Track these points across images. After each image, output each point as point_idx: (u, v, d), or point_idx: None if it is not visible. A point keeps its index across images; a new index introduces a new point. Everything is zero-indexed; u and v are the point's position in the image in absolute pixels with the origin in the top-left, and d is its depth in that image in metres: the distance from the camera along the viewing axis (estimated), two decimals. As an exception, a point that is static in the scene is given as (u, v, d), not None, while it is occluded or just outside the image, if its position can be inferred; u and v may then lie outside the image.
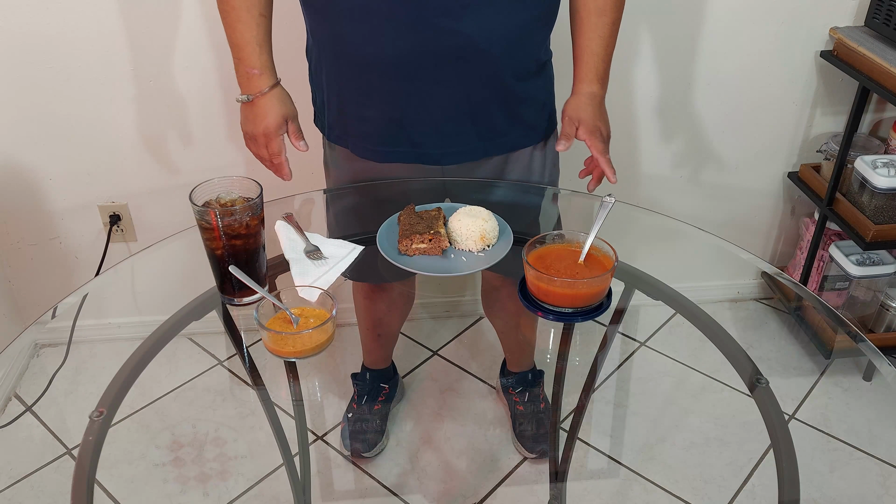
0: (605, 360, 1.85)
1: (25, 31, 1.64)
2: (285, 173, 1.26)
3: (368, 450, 1.67)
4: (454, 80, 1.17)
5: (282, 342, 0.95)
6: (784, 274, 1.63)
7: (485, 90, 1.20)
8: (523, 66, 1.22)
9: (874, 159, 1.73)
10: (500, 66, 1.18)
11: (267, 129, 1.22)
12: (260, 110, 1.22)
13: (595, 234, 1.02)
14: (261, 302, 1.00)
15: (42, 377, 1.94)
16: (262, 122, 1.22)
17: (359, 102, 1.23)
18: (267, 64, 1.21)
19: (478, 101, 1.21)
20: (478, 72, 1.17)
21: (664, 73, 1.85)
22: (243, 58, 1.20)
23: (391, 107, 1.21)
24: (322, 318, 0.97)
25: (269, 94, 1.21)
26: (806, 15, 1.80)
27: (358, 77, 1.20)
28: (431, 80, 1.17)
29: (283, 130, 1.23)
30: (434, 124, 1.22)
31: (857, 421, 1.79)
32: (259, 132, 1.22)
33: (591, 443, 1.73)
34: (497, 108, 1.23)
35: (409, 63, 1.15)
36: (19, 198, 1.86)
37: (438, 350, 2.01)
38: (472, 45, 1.13)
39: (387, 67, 1.16)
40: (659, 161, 1.98)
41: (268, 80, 1.21)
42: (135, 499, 1.59)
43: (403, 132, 1.23)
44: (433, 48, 1.13)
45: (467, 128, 1.24)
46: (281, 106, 1.22)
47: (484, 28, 1.13)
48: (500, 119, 1.25)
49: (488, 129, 1.25)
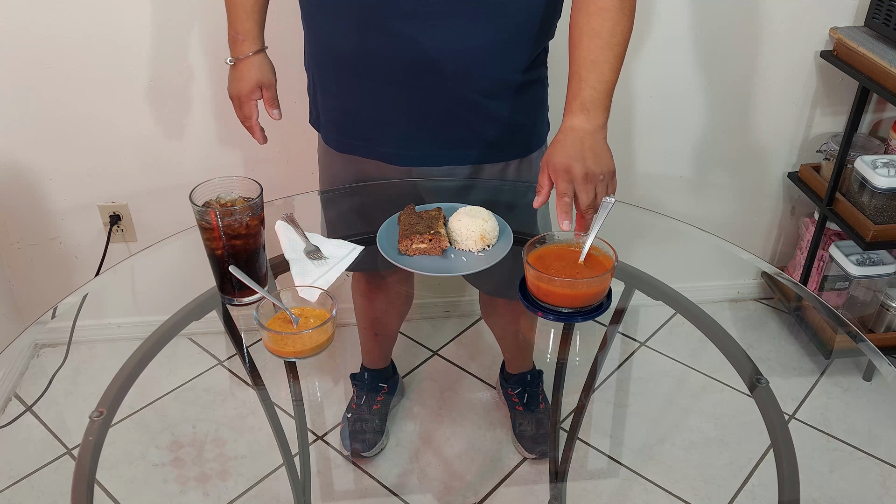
0: (605, 360, 1.85)
1: (26, 31, 1.64)
2: (258, 137, 1.35)
3: (368, 450, 1.67)
4: (410, 85, 1.17)
5: (282, 342, 0.95)
6: (784, 274, 1.63)
7: (442, 101, 1.18)
8: (486, 85, 1.17)
9: (874, 159, 1.73)
10: (457, 82, 1.16)
11: (239, 92, 1.31)
12: (238, 74, 1.30)
13: (595, 234, 1.02)
14: (261, 302, 1.00)
15: (42, 377, 1.94)
16: (237, 86, 1.31)
17: (326, 92, 1.27)
18: (251, 31, 1.28)
19: (435, 109, 1.20)
20: (434, 83, 1.16)
21: (664, 73, 1.85)
22: (232, 22, 1.28)
23: (349, 100, 1.24)
24: (322, 318, 0.97)
25: (249, 60, 1.29)
26: (806, 15, 1.80)
27: (325, 67, 1.24)
28: (386, 80, 1.17)
29: (256, 96, 1.31)
30: (389, 124, 1.23)
31: (857, 421, 1.79)
32: (233, 94, 1.32)
33: (591, 443, 1.73)
34: (456, 121, 1.21)
35: (366, 62, 1.17)
36: (19, 198, 1.86)
37: (438, 350, 2.01)
38: (427, 57, 1.13)
39: (346, 61, 1.19)
40: (658, 161, 1.98)
41: (251, 46, 1.28)
42: (135, 499, 1.59)
43: (357, 127, 1.26)
44: (389, 52, 1.14)
45: (423, 133, 1.23)
46: (257, 72, 1.30)
47: (441, 42, 1.11)
48: (461, 132, 1.23)
49: (447, 140, 1.24)
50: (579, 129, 1.06)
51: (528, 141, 1.30)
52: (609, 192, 1.05)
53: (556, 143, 1.06)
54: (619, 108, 1.80)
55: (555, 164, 1.03)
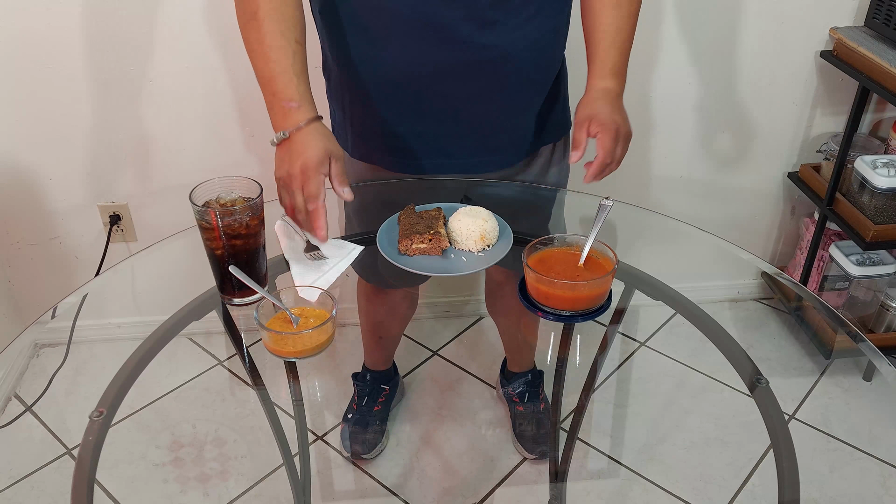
0: (605, 360, 1.85)
1: (26, 31, 1.64)
2: (321, 224, 1.02)
3: (368, 451, 1.67)
4: (486, 92, 1.18)
5: (282, 342, 0.95)
6: (784, 274, 1.63)
7: (515, 98, 1.21)
8: (547, 73, 1.24)
9: (874, 159, 1.73)
10: (526, 75, 1.19)
11: (306, 165, 1.00)
12: (298, 146, 1.02)
13: (594, 236, 1.02)
14: (261, 302, 1.00)
15: (42, 377, 1.94)
16: (300, 158, 1.01)
17: (391, 120, 1.22)
18: (305, 95, 1.05)
19: (509, 109, 1.22)
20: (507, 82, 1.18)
21: (664, 73, 1.85)
22: (278, 90, 1.03)
23: (426, 122, 1.21)
24: (322, 318, 0.97)
25: (310, 128, 1.03)
26: (806, 15, 1.80)
27: (391, 95, 1.19)
28: (464, 94, 1.18)
29: (324, 169, 1.02)
30: (469, 136, 1.24)
31: (857, 421, 1.79)
32: (296, 169, 1.01)
33: (591, 443, 1.73)
34: (527, 114, 1.25)
35: (442, 79, 1.16)
36: (19, 198, 1.86)
37: (438, 350, 2.01)
38: (503, 56, 1.14)
39: (421, 84, 1.17)
40: (659, 161, 1.98)
41: (307, 112, 1.04)
42: (135, 499, 1.59)
43: (439, 144, 1.24)
44: (464, 61, 1.14)
45: (500, 136, 1.25)
46: (323, 140, 1.03)
47: (513, 39, 1.14)
48: (529, 123, 1.27)
49: (519, 136, 1.27)
50: (612, 91, 1.16)
51: (569, 111, 1.34)
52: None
53: (596, 101, 1.14)
54: (619, 108, 1.82)
55: (604, 121, 1.11)
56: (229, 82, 1.75)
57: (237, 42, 1.06)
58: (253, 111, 1.79)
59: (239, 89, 1.76)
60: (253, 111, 1.79)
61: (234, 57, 1.71)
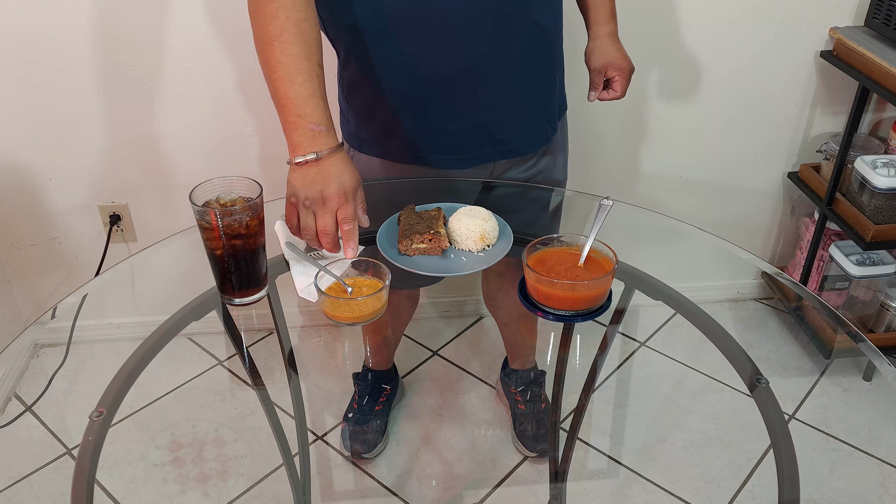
0: (605, 360, 1.85)
1: (25, 31, 1.64)
2: (355, 244, 1.05)
3: (368, 451, 1.67)
4: (528, 71, 1.23)
5: (339, 308, 1.01)
6: (784, 274, 1.63)
7: (549, 71, 1.28)
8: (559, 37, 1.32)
9: (874, 159, 1.73)
10: (556, 44, 1.28)
11: (345, 189, 1.04)
12: (333, 170, 1.04)
13: (594, 236, 1.02)
14: (319, 273, 1.03)
15: (42, 377, 1.94)
16: (336, 182, 1.04)
17: (438, 118, 1.23)
18: (331, 120, 1.06)
19: (545, 83, 1.28)
20: (543, 54, 1.25)
21: (664, 73, 1.85)
22: (305, 113, 1.04)
23: (477, 113, 1.23)
24: (374, 287, 1.03)
25: (340, 153, 1.06)
26: (806, 15, 1.80)
27: (436, 93, 1.20)
28: (510, 77, 1.21)
29: (362, 195, 1.08)
30: (515, 119, 1.27)
31: (857, 421, 1.79)
32: (332, 192, 1.03)
33: (591, 443, 1.74)
34: (554, 86, 1.31)
35: (489, 67, 1.18)
36: (19, 198, 1.86)
37: (438, 350, 2.01)
38: (541, 31, 1.21)
39: (466, 77, 1.18)
40: (659, 161, 1.98)
41: (335, 137, 1.06)
42: (135, 499, 1.59)
43: (487, 133, 1.26)
44: (511, 43, 1.18)
45: (538, 113, 1.30)
46: (352, 167, 1.07)
47: (545, 11, 1.21)
48: (556, 95, 1.33)
49: (551, 110, 1.33)
50: (613, 33, 1.36)
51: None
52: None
53: (610, 45, 1.34)
54: (619, 109, 1.82)
55: (620, 66, 1.32)
56: (229, 83, 1.75)
57: (237, 43, 1.06)
58: (253, 112, 1.79)
59: (239, 90, 1.76)
60: (253, 112, 1.79)
61: (234, 57, 1.71)
